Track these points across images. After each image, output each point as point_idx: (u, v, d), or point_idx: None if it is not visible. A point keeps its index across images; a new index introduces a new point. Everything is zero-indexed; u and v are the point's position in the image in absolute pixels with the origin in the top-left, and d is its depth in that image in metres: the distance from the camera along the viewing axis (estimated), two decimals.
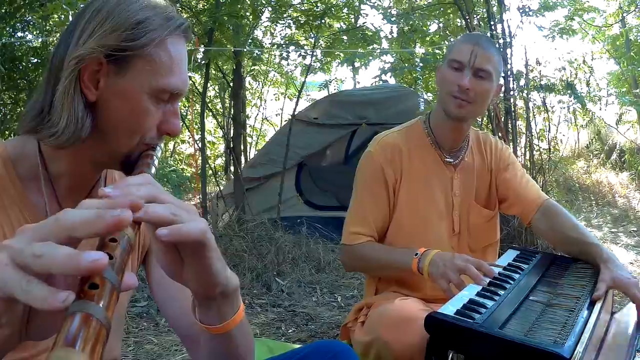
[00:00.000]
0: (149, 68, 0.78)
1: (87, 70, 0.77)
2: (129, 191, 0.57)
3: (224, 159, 8.47)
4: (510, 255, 1.57)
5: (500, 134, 4.19)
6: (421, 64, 4.79)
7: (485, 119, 4.62)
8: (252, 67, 7.38)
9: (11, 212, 0.81)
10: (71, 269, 0.45)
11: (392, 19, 5.26)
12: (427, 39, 5.74)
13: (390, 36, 5.79)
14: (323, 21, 5.47)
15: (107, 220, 0.48)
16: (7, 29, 5.10)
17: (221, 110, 8.03)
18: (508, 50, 4.40)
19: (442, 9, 5.30)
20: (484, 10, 4.62)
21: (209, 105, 6.42)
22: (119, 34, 0.76)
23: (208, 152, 6.95)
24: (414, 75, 5.48)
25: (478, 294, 1.23)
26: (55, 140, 0.78)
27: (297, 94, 5.84)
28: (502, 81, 1.71)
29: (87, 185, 0.90)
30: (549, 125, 5.67)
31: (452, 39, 5.64)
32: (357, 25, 5.95)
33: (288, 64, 7.79)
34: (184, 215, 0.59)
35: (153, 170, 0.78)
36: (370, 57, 5.53)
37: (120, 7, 0.78)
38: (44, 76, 0.82)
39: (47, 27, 5.23)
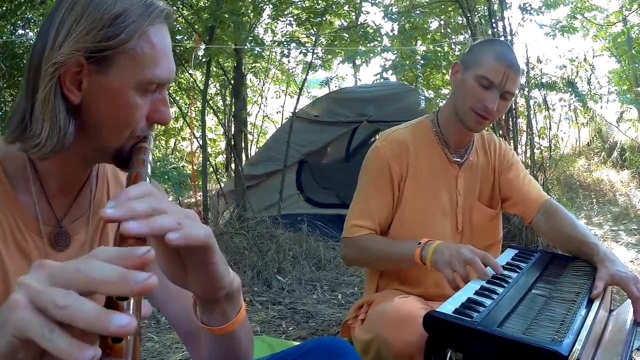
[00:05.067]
0: (133, 62, 0.74)
1: (68, 74, 0.73)
2: (131, 207, 0.56)
3: (224, 156, 8.50)
4: (508, 254, 1.57)
5: (501, 132, 4.20)
6: (422, 62, 4.78)
7: None
8: (253, 65, 7.40)
9: (1, 213, 0.79)
10: (99, 330, 0.43)
11: (393, 17, 5.25)
12: (428, 36, 5.73)
13: (391, 34, 5.79)
14: (324, 18, 5.48)
15: (134, 288, 0.45)
16: (8, 26, 5.11)
17: (222, 108, 8.05)
18: None
19: (443, 6, 5.29)
20: (485, 7, 4.61)
21: (210, 102, 6.42)
22: (96, 33, 0.72)
23: (209, 150, 6.95)
24: (415, 72, 5.48)
25: (476, 293, 1.24)
26: (38, 152, 0.74)
27: (298, 91, 5.84)
28: None
29: (77, 184, 0.88)
30: (549, 123, 5.68)
31: (453, 37, 5.64)
32: (358, 23, 5.95)
33: (289, 62, 7.82)
34: (189, 223, 0.59)
35: (149, 167, 0.76)
36: (371, 55, 5.53)
37: (95, 1, 0.73)
38: (23, 82, 0.77)
39: None
